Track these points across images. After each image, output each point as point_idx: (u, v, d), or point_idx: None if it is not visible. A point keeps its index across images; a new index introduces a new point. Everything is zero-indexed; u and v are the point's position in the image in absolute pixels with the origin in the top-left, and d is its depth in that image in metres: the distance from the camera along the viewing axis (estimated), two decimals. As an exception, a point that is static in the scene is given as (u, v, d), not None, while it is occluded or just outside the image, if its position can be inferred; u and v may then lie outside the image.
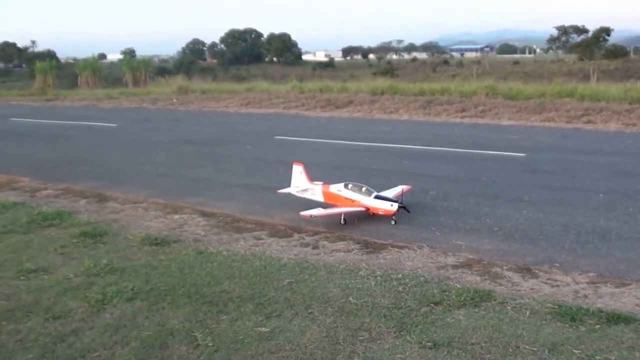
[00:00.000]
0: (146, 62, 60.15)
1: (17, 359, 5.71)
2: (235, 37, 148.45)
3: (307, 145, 19.65)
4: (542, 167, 15.06)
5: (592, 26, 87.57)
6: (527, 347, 5.68)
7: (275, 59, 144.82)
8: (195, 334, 6.06)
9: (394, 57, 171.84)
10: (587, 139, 20.09)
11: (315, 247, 9.20)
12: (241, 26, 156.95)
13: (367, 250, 9.01)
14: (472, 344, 5.76)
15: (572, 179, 13.71)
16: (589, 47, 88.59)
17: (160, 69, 69.01)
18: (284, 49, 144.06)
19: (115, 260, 8.42)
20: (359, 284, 7.34)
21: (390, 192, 10.91)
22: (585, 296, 7.08)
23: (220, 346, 5.81)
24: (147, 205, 12.16)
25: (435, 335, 5.95)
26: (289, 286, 7.27)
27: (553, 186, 12.97)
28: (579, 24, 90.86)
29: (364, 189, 10.59)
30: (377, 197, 10.40)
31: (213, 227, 10.48)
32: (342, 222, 10.34)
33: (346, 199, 10.61)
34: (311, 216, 10.08)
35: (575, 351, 5.57)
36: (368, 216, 10.63)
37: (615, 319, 6.25)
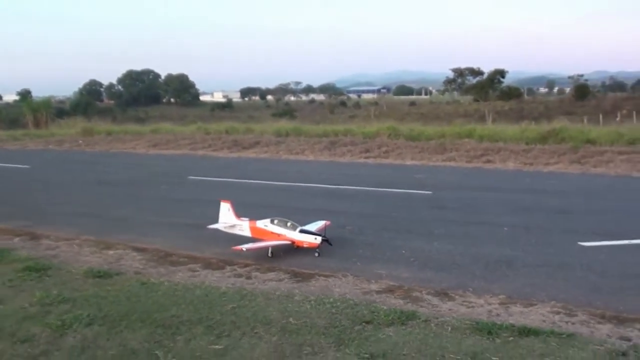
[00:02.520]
0: (47, 104, 59.48)
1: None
2: (133, 78, 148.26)
3: (222, 185, 20.51)
4: (448, 204, 16.44)
5: (487, 68, 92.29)
6: (451, 356, 6.70)
7: (172, 99, 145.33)
8: (157, 352, 6.78)
9: (292, 98, 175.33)
10: (488, 177, 21.85)
11: (248, 277, 10.08)
12: (139, 67, 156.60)
13: (296, 279, 9.95)
14: (404, 355, 6.73)
15: (477, 214, 15.14)
16: (484, 88, 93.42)
17: (58, 110, 68.14)
18: (181, 89, 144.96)
19: (65, 291, 9.00)
20: (296, 307, 8.25)
21: (313, 227, 11.92)
22: (498, 314, 8.23)
23: (180, 361, 6.57)
24: (80, 242, 12.77)
25: (370, 348, 6.88)
26: (232, 310, 8.09)
27: (460, 221, 14.31)
28: (475, 66, 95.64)
29: (289, 223, 11.57)
30: (301, 231, 11.41)
31: (149, 261, 11.22)
32: (269, 255, 11.25)
33: (273, 233, 11.55)
34: (242, 250, 10.96)
35: (494, 359, 6.62)
36: (293, 249, 11.57)
37: (526, 332, 7.37)
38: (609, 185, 19.63)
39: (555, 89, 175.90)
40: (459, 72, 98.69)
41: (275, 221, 11.70)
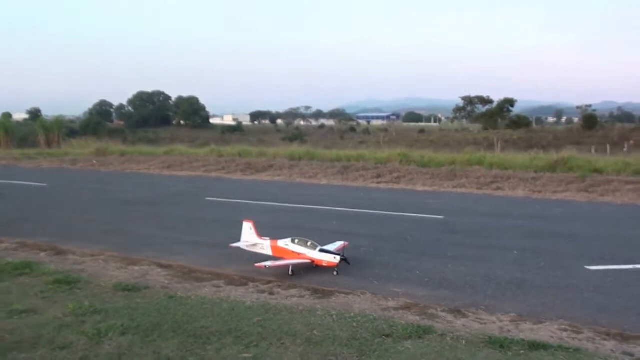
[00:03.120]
0: (59, 123, 60.22)
1: (37, 380, 6.78)
2: (143, 100, 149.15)
3: (240, 207, 21.06)
4: (459, 228, 16.94)
5: (496, 97, 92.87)
6: (467, 366, 7.20)
7: (182, 122, 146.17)
8: (191, 358, 7.28)
9: (302, 123, 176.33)
10: (498, 203, 22.35)
11: (271, 294, 10.59)
12: (149, 88, 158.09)
13: (317, 295, 10.46)
14: (422, 366, 7.24)
15: (488, 238, 15.64)
16: (494, 117, 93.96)
17: (68, 130, 69.10)
18: (191, 112, 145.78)
19: (96, 303, 9.48)
20: (319, 321, 8.75)
21: (332, 247, 12.47)
22: (509, 331, 8.71)
23: (213, 367, 7.07)
24: (105, 258, 13.30)
25: (390, 359, 7.38)
26: (258, 323, 8.59)
27: (472, 244, 14.82)
28: (484, 94, 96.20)
29: (309, 243, 12.12)
30: (321, 250, 11.93)
31: (173, 277, 11.73)
32: (290, 272, 11.76)
33: (293, 252, 12.09)
34: (265, 267, 11.54)
35: (506, 369, 7.12)
36: (312, 268, 12.08)
37: (535, 346, 7.85)
38: (616, 213, 20.11)
39: (564, 119, 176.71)
40: (469, 101, 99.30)
41: (296, 241, 12.25)
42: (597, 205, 21.61)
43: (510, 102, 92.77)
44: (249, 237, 12.79)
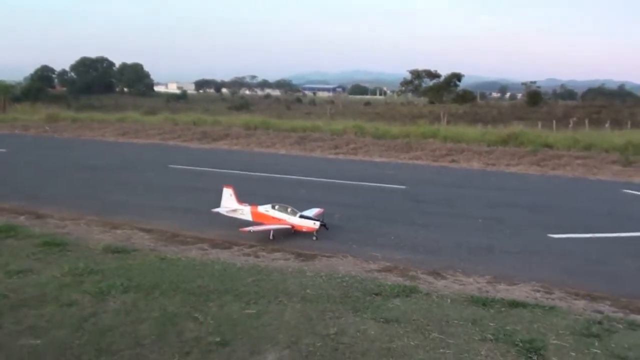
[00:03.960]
0: (5, 88, 58.82)
1: (53, 333, 7.06)
2: (87, 66, 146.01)
3: (204, 174, 21.46)
4: (424, 198, 17.63)
5: (444, 71, 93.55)
6: (455, 321, 7.75)
7: (126, 89, 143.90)
8: (196, 315, 7.67)
9: (247, 92, 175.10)
10: (456, 175, 23.13)
11: (256, 257, 11.06)
12: (93, 54, 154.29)
13: (301, 259, 10.95)
14: (414, 320, 7.76)
15: (452, 207, 16.37)
16: (440, 91, 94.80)
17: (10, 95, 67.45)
18: (135, 79, 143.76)
19: (90, 264, 9.75)
20: (310, 281, 9.25)
21: (309, 213, 12.95)
22: (487, 291, 9.36)
23: (221, 323, 7.45)
24: (86, 222, 13.57)
25: (383, 314, 7.90)
26: (253, 283, 9.04)
27: (438, 213, 15.52)
28: (432, 68, 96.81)
29: (289, 209, 12.60)
30: (301, 216, 12.41)
31: (158, 240, 12.08)
32: (270, 237, 12.22)
33: (274, 218, 12.55)
34: (249, 231, 11.96)
35: (491, 324, 7.69)
36: (291, 233, 12.58)
37: (515, 304, 8.49)
38: (569, 186, 21.06)
39: (508, 95, 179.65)
40: (417, 74, 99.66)
41: (277, 207, 12.71)
42: (550, 178, 22.55)
43: (457, 77, 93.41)
44: (229, 203, 13.17)
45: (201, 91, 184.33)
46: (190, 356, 6.59)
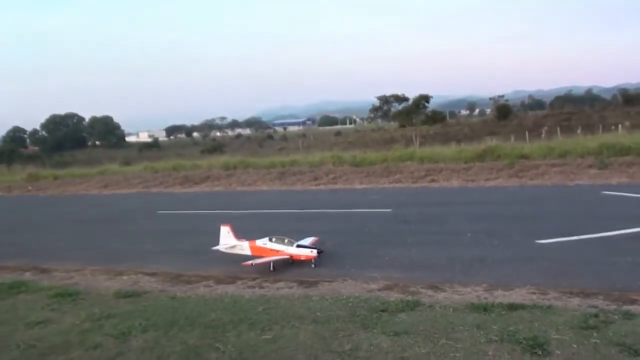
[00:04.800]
0: (-18, 153, 59.40)
1: (84, 374, 7.53)
2: (57, 123, 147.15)
3: (193, 217, 22.02)
4: (410, 218, 18.21)
5: (411, 94, 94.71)
6: (460, 327, 8.28)
7: (98, 142, 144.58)
8: (217, 345, 8.13)
9: (218, 134, 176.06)
10: (437, 194, 23.79)
11: (261, 287, 11.56)
12: (62, 111, 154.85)
13: (304, 285, 11.46)
14: (421, 330, 8.27)
15: (440, 225, 16.96)
16: (410, 114, 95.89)
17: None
18: (106, 131, 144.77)
19: (105, 309, 10.19)
20: (318, 304, 9.75)
21: (305, 242, 13.48)
22: (486, 298, 9.91)
23: (242, 350, 7.91)
24: (90, 272, 14.01)
25: (392, 328, 8.39)
26: (264, 311, 9.52)
27: (426, 231, 16.10)
28: (399, 92, 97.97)
29: (286, 240, 13.15)
30: (298, 246, 12.95)
31: (164, 282, 12.56)
32: (271, 269, 12.73)
33: (272, 250, 13.08)
34: (252, 264, 12.47)
35: (494, 327, 8.22)
36: (290, 263, 13.12)
37: (514, 307, 9.05)
38: (548, 193, 21.75)
39: (476, 111, 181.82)
40: (385, 99, 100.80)
41: (274, 239, 13.25)
42: (530, 188, 23.26)
43: (425, 99, 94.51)
44: (228, 240, 13.68)
45: (172, 137, 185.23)
46: (219, 382, 7.04)
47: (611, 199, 19.26)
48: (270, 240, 13.27)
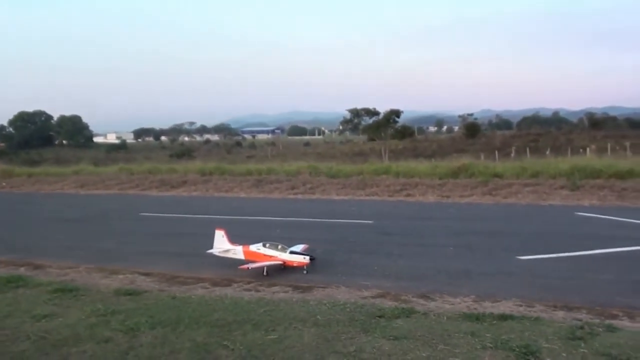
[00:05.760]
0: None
1: (100, 365, 7.87)
2: (24, 120, 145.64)
3: (177, 220, 22.33)
4: (392, 231, 18.75)
5: (382, 108, 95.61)
6: (456, 334, 8.77)
7: (65, 141, 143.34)
8: (225, 343, 8.51)
9: (186, 139, 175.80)
10: (414, 208, 24.40)
11: (257, 291, 11.95)
12: (30, 108, 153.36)
13: (299, 290, 11.88)
14: (419, 336, 8.74)
15: (422, 237, 17.54)
16: (380, 128, 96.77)
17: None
18: (74, 131, 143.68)
19: (109, 306, 10.46)
20: (316, 309, 10.18)
21: (297, 248, 13.93)
22: (475, 308, 10.43)
23: (250, 348, 8.30)
24: (85, 269, 14.24)
25: (391, 332, 8.85)
26: (265, 313, 9.92)
27: (410, 243, 16.64)
28: (370, 106, 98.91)
29: (279, 246, 13.58)
30: (291, 252, 13.39)
31: (160, 282, 12.86)
32: (264, 273, 13.12)
33: (265, 255, 13.50)
34: (248, 268, 12.87)
35: (487, 334, 8.72)
36: (282, 269, 13.52)
37: (504, 317, 9.59)
38: (523, 212, 22.44)
39: (444, 128, 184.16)
40: (355, 113, 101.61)
41: (267, 245, 13.68)
42: (504, 207, 23.95)
43: (396, 113, 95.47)
44: (222, 244, 14.07)
45: (140, 140, 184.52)
46: (233, 377, 7.44)
47: (585, 220, 19.98)
48: (264, 245, 13.68)
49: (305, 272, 13.24)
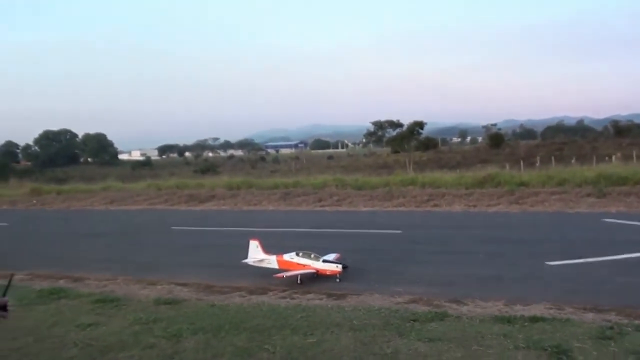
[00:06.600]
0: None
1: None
2: (50, 139, 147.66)
3: (208, 233, 22.80)
4: (421, 239, 19.04)
5: (405, 120, 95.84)
6: (489, 336, 9.04)
7: (90, 159, 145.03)
8: (266, 346, 8.86)
9: (210, 154, 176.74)
10: (443, 218, 24.66)
11: (292, 298, 12.27)
12: (55, 127, 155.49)
13: (333, 297, 12.18)
14: (453, 337, 9.02)
15: (451, 245, 17.81)
16: (403, 140, 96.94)
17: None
18: (99, 149, 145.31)
19: (150, 314, 10.85)
20: (352, 314, 10.49)
21: (330, 257, 14.27)
22: (507, 312, 10.68)
23: (290, 351, 8.64)
24: (123, 281, 14.68)
25: (426, 335, 9.13)
26: (302, 319, 10.25)
27: (439, 252, 16.92)
28: (394, 118, 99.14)
29: (312, 255, 13.94)
30: (324, 261, 13.73)
31: (197, 291, 13.22)
32: (298, 282, 13.46)
33: (299, 264, 13.86)
34: (284, 276, 13.26)
35: (520, 336, 8.98)
36: (315, 277, 13.85)
37: (535, 319, 9.82)
38: (551, 220, 22.62)
39: (468, 138, 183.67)
40: (379, 125, 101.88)
41: (300, 254, 14.05)
42: (531, 215, 24.12)
43: (420, 125, 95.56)
44: (256, 254, 14.47)
45: (164, 156, 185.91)
46: (276, 378, 7.78)
47: (612, 226, 20.12)
48: (297, 254, 14.04)
49: (338, 280, 13.56)
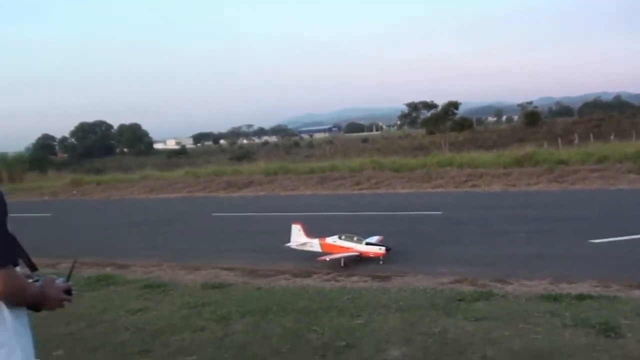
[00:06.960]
0: (22, 159, 61.35)
1: (202, 351, 8.34)
2: (85, 130, 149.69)
3: (249, 219, 23.02)
4: (462, 220, 19.03)
5: (439, 101, 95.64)
6: (535, 314, 9.07)
7: (126, 149, 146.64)
8: (314, 327, 9.01)
9: (245, 141, 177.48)
10: (482, 198, 24.58)
11: (337, 281, 12.42)
12: (91, 119, 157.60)
13: (377, 279, 12.30)
14: (500, 316, 9.08)
15: (492, 226, 17.77)
16: (438, 121, 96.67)
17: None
18: (135, 139, 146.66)
19: (199, 298, 11.06)
20: (397, 295, 10.59)
21: (372, 239, 14.38)
22: (553, 290, 10.71)
23: (339, 331, 8.77)
24: (168, 267, 14.96)
25: (472, 314, 9.19)
26: (349, 300, 10.36)
27: (480, 232, 16.92)
28: (428, 99, 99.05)
29: (355, 238, 14.08)
30: (367, 243, 13.85)
31: (242, 275, 13.44)
32: (342, 264, 13.61)
33: (342, 247, 13.99)
34: (327, 259, 13.41)
35: (567, 314, 9.00)
36: (358, 260, 14.01)
37: (582, 297, 9.82)
38: (591, 197, 22.48)
39: (504, 117, 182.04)
40: (414, 106, 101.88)
41: (343, 237, 14.18)
42: (572, 193, 23.96)
43: (454, 105, 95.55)
44: (299, 238, 14.64)
45: (199, 144, 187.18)
46: (326, 357, 7.91)
47: (656, 202, 19.97)
48: (340, 237, 14.17)
49: (381, 262, 13.66)
